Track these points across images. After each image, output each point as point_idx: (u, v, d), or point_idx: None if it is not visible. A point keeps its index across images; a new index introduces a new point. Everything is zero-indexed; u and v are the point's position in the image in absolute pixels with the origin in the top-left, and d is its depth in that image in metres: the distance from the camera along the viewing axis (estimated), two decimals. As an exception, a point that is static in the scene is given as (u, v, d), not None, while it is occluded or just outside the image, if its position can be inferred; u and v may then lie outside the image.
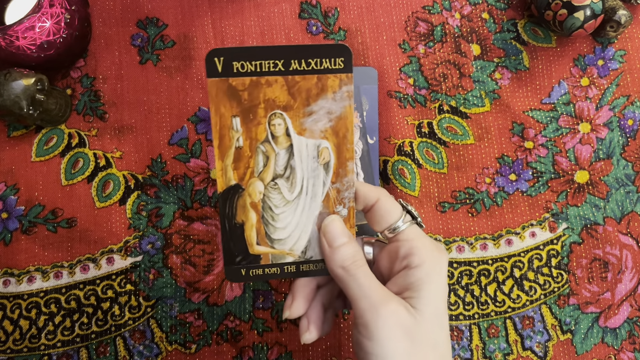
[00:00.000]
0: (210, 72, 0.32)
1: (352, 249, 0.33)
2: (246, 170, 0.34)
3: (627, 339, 0.49)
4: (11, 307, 0.48)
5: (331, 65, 0.33)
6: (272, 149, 0.34)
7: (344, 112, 0.33)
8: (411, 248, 0.32)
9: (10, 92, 0.44)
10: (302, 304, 0.34)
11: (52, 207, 0.49)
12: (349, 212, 0.35)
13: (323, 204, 0.34)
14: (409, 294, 0.31)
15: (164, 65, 0.52)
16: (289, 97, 0.33)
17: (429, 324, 0.31)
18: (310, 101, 0.33)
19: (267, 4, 0.53)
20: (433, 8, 0.54)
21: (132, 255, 0.49)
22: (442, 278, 0.32)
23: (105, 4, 0.53)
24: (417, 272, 0.31)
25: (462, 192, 0.51)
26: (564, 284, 0.50)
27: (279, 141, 0.34)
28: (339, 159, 0.34)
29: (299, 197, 0.34)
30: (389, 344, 0.29)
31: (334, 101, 0.33)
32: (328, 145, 0.34)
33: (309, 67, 0.33)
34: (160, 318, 0.48)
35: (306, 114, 0.33)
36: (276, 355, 0.48)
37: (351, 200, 0.35)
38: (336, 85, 0.33)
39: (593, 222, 0.51)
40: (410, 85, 0.52)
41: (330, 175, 0.34)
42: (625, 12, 0.49)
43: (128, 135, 0.51)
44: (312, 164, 0.34)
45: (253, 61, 0.32)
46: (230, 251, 0.34)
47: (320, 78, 0.33)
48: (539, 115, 0.52)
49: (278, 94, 0.33)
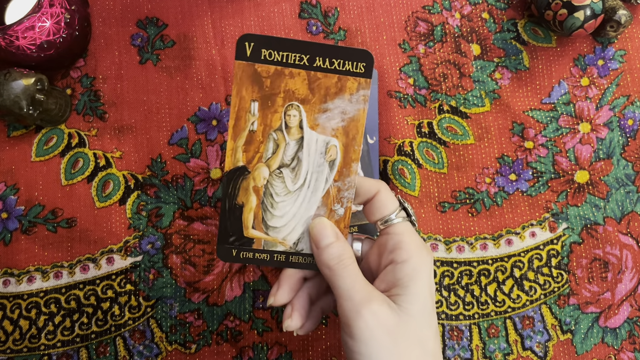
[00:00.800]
0: (239, 55, 0.33)
1: (339, 249, 0.33)
2: (255, 154, 0.35)
3: (627, 339, 0.49)
4: (11, 307, 0.48)
5: (353, 69, 0.34)
6: (283, 138, 0.35)
7: (358, 115, 0.35)
8: (399, 242, 0.33)
9: (10, 92, 0.44)
10: (287, 292, 0.35)
11: (52, 207, 0.49)
12: (345, 211, 0.36)
13: (322, 200, 0.35)
14: (395, 291, 0.32)
15: (164, 65, 0.52)
16: (308, 92, 0.34)
17: (415, 322, 0.31)
18: (327, 99, 0.35)
19: (267, 4, 0.53)
20: (433, 8, 0.54)
21: (132, 255, 0.49)
22: (428, 276, 0.32)
23: (105, 4, 0.53)
24: (404, 268, 0.32)
25: (462, 192, 0.51)
26: (564, 284, 0.50)
27: (291, 132, 0.35)
28: (344, 159, 0.35)
29: (301, 189, 0.35)
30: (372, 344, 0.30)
31: (349, 102, 0.35)
32: (337, 143, 0.35)
33: (332, 66, 0.34)
34: (160, 318, 0.48)
35: (321, 110, 0.35)
36: (276, 355, 0.48)
37: (349, 201, 0.35)
38: (354, 88, 0.34)
39: (593, 222, 0.51)
40: (410, 85, 0.52)
41: (334, 173, 0.35)
42: (625, 12, 0.49)
43: (128, 135, 0.51)
44: (318, 159, 0.35)
45: (281, 51, 0.34)
46: (225, 230, 0.35)
47: (341, 78, 0.34)
48: (539, 115, 0.52)
49: (299, 86, 0.34)
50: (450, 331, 0.49)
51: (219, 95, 0.51)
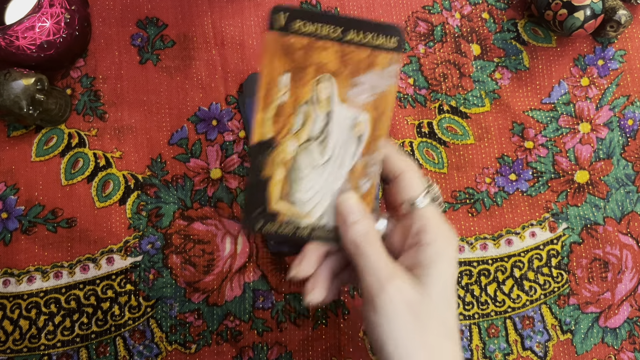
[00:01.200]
0: (272, 25, 0.33)
1: (365, 226, 0.33)
2: (284, 126, 0.34)
3: (627, 339, 0.49)
4: (11, 307, 0.48)
5: (386, 42, 0.34)
6: (312, 111, 0.35)
7: (388, 89, 0.34)
8: (424, 225, 0.33)
9: (10, 92, 0.44)
10: (311, 264, 0.35)
11: (52, 207, 0.49)
12: (371, 186, 0.35)
13: (348, 175, 0.35)
14: (418, 271, 0.32)
15: (164, 65, 0.52)
16: (340, 64, 0.34)
17: (436, 302, 0.31)
18: (359, 72, 0.34)
19: (267, 3, 0.53)
20: (433, 8, 0.54)
21: (132, 255, 0.49)
22: (451, 259, 0.33)
23: (105, 4, 0.53)
24: (428, 250, 0.32)
25: (462, 192, 0.51)
26: (564, 284, 0.50)
27: (321, 105, 0.35)
28: (372, 134, 0.35)
29: (328, 162, 0.35)
30: (395, 318, 0.30)
31: (380, 77, 0.34)
32: (366, 118, 0.35)
33: (366, 39, 0.34)
34: (160, 318, 0.48)
35: (352, 84, 0.34)
36: (276, 355, 0.48)
37: (376, 176, 0.35)
38: (386, 62, 0.34)
39: (593, 222, 0.51)
40: (410, 85, 0.52)
41: (361, 147, 0.35)
42: (625, 12, 0.49)
43: (128, 135, 0.51)
44: (347, 133, 0.35)
45: (315, 23, 0.33)
46: (251, 202, 0.35)
47: (373, 52, 0.34)
48: (539, 115, 0.52)
49: (331, 59, 0.34)
50: (450, 331, 0.49)
51: (219, 95, 0.51)
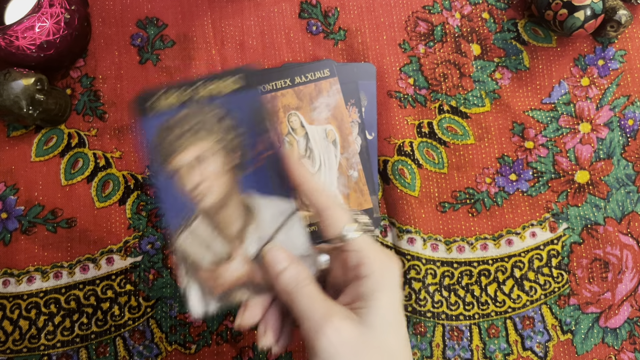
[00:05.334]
0: None
1: (294, 272, 0.32)
2: None
3: (628, 339, 0.49)
4: (11, 308, 0.48)
5: (322, 75, 0.49)
6: (293, 138, 0.48)
7: (338, 102, 0.49)
8: (360, 258, 0.32)
9: (10, 92, 0.44)
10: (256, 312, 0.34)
11: (52, 207, 0.49)
12: (359, 173, 0.48)
13: (339, 171, 0.47)
14: (358, 305, 0.32)
15: (163, 65, 0.52)
16: (298, 101, 0.48)
17: (379, 335, 0.31)
18: (313, 100, 0.48)
19: (267, 3, 0.53)
20: (433, 8, 0.54)
21: (132, 255, 0.49)
22: (392, 287, 0.32)
23: (105, 4, 0.53)
24: (367, 282, 0.32)
25: (462, 192, 0.51)
26: (564, 284, 0.50)
27: (297, 132, 0.48)
28: (341, 136, 0.48)
29: (320, 169, 0.46)
30: None
31: (328, 97, 0.48)
32: (332, 127, 0.48)
33: (307, 78, 0.49)
34: (160, 318, 0.48)
35: (312, 109, 0.48)
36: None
37: (359, 164, 0.48)
38: (328, 86, 0.49)
39: (593, 222, 0.51)
40: (411, 85, 0.52)
41: (338, 148, 0.48)
42: (625, 12, 0.49)
43: (128, 135, 0.51)
44: (324, 143, 0.47)
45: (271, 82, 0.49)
46: None
47: (317, 84, 0.49)
48: (539, 115, 0.52)
49: (291, 100, 0.49)
50: (451, 331, 0.49)
51: (219, 95, 0.51)
